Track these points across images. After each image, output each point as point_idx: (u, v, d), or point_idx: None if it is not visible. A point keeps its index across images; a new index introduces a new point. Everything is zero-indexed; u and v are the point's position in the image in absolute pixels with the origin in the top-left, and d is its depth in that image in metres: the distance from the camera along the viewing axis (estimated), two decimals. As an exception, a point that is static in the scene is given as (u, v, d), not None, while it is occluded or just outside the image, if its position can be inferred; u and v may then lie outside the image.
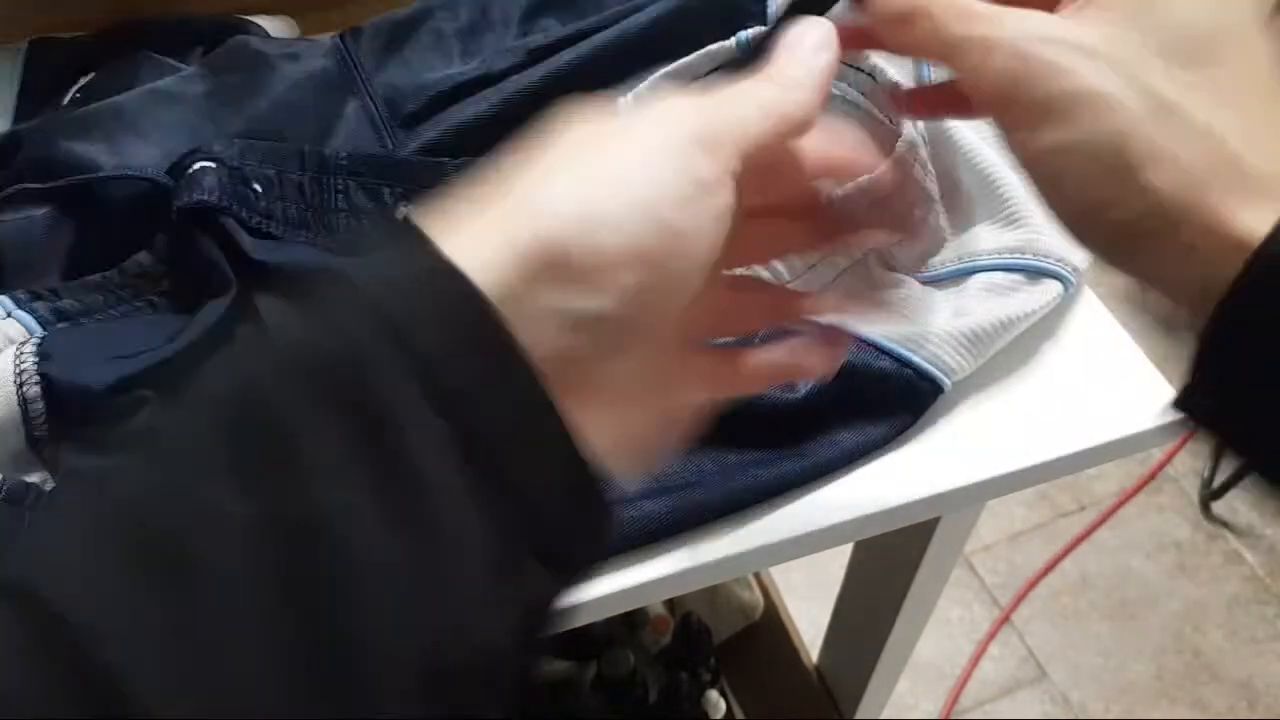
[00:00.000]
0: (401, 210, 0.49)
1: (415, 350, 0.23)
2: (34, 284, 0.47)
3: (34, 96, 0.57)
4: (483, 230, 0.25)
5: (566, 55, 0.52)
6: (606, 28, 0.52)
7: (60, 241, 0.49)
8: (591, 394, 0.26)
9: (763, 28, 0.50)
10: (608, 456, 0.26)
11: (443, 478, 0.23)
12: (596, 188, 0.26)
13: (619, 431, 0.28)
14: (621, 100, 0.34)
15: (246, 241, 0.46)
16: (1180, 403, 0.31)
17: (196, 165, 0.47)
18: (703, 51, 0.50)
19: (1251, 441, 0.30)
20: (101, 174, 0.48)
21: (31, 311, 0.45)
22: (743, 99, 0.29)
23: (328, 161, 0.50)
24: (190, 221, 0.47)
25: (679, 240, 0.26)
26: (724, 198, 0.27)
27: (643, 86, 0.51)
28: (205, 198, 0.46)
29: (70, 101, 0.55)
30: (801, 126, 0.29)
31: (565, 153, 0.27)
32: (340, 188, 0.49)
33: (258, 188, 0.48)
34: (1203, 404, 0.31)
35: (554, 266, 0.25)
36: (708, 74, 0.50)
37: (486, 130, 0.51)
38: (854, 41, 0.33)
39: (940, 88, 0.38)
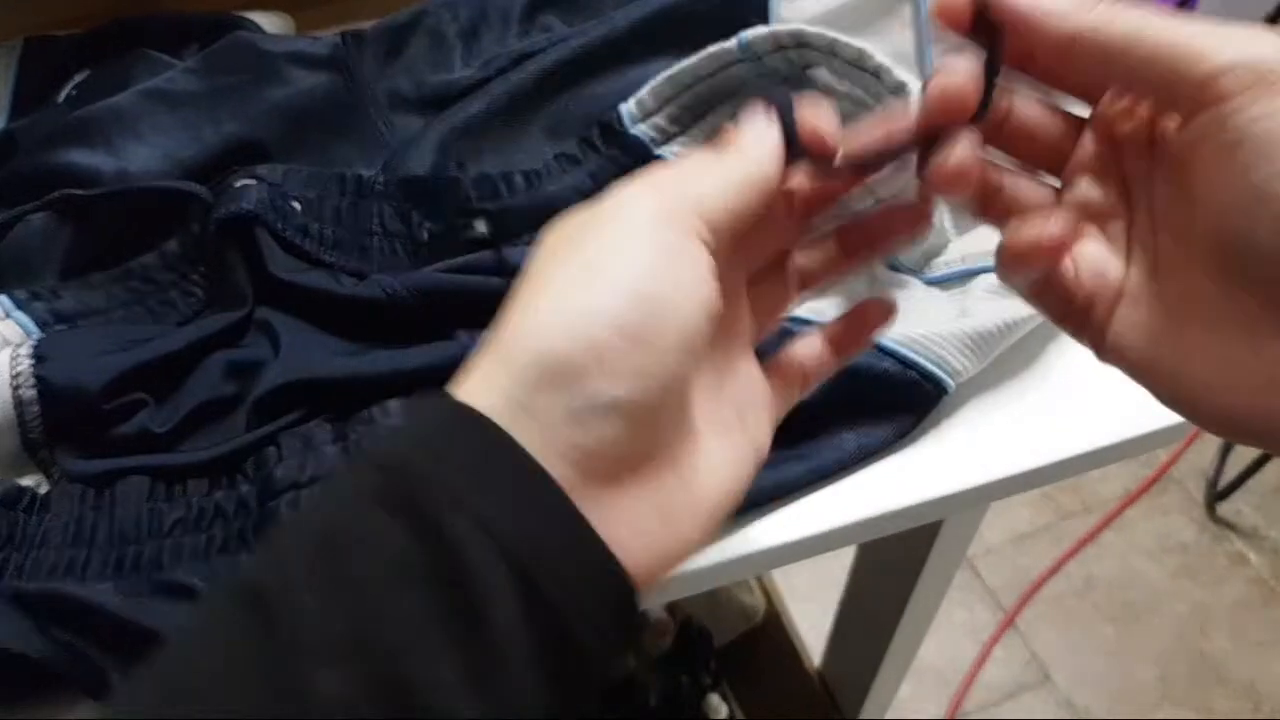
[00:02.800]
0: (425, 229, 0.49)
1: (466, 506, 0.25)
2: (32, 285, 0.46)
3: (29, 94, 0.57)
4: (488, 369, 0.27)
5: (551, 55, 0.51)
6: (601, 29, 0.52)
7: (58, 243, 0.48)
8: (630, 474, 0.27)
9: (766, 27, 0.49)
10: (655, 535, 0.28)
11: (512, 633, 0.24)
12: (573, 288, 0.27)
13: (664, 503, 0.28)
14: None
15: (276, 257, 0.46)
16: None
17: (240, 182, 0.48)
18: (704, 53, 0.50)
19: None
20: (139, 185, 0.48)
21: (30, 313, 0.45)
22: (697, 173, 0.29)
23: (365, 185, 0.50)
24: (223, 231, 0.47)
25: (660, 304, 0.27)
26: (695, 257, 0.28)
27: (644, 90, 0.50)
28: (247, 208, 0.46)
29: (65, 99, 0.54)
30: (760, 192, 0.30)
31: (543, 268, 0.28)
32: (376, 212, 0.50)
33: (297, 205, 0.48)
34: None
35: (554, 374, 0.26)
36: (711, 76, 0.50)
37: (479, 131, 0.51)
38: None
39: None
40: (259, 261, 0.46)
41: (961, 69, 0.29)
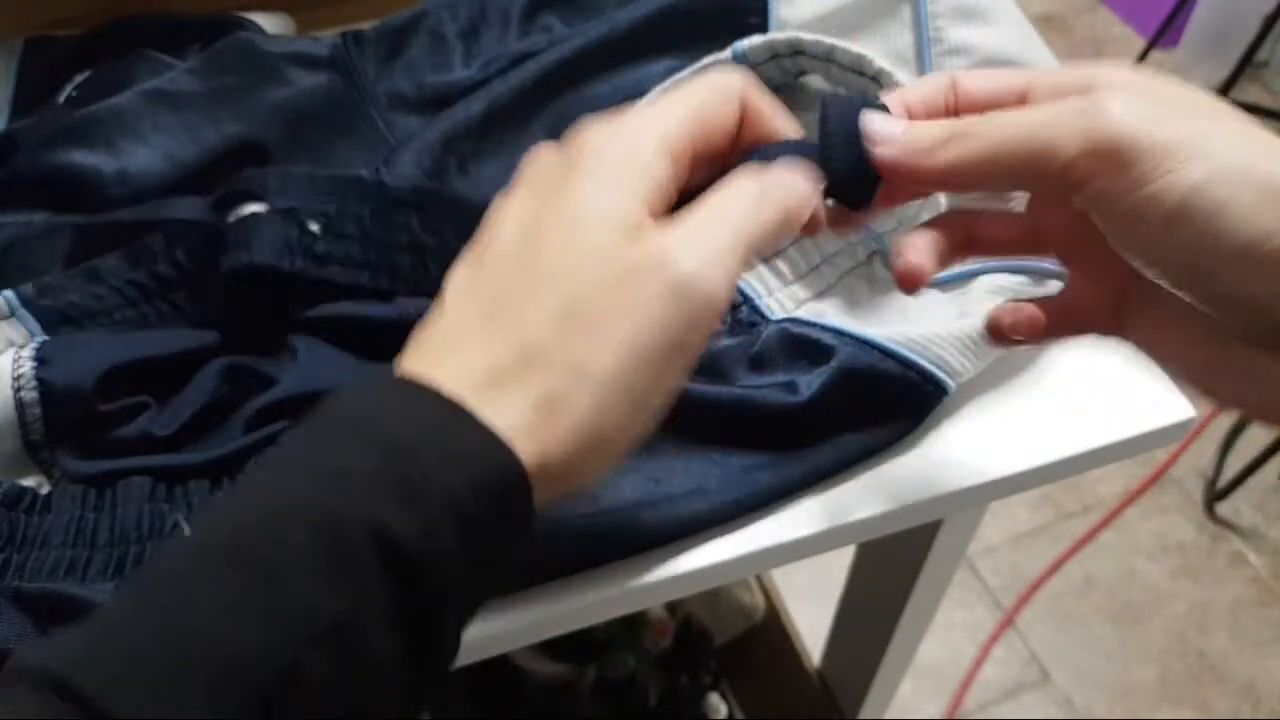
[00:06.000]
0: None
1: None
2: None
3: (30, 94, 0.57)
4: (469, 357, 0.31)
5: (551, 55, 0.51)
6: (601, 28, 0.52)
7: (60, 243, 0.48)
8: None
9: (761, 36, 0.49)
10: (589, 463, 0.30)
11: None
12: (549, 294, 0.30)
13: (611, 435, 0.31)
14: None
15: (295, 296, 0.45)
16: None
17: (247, 210, 0.45)
18: (699, 64, 0.50)
19: None
20: (146, 217, 0.47)
21: (36, 312, 0.45)
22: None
23: (388, 193, 0.47)
24: (236, 278, 0.45)
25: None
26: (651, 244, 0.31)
27: (643, 103, 0.50)
28: (260, 259, 0.44)
29: (66, 99, 0.54)
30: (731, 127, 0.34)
31: (541, 259, 0.31)
32: (403, 224, 0.46)
33: (315, 228, 0.45)
34: None
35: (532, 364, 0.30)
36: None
37: (480, 131, 0.51)
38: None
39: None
40: (278, 295, 0.45)
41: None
